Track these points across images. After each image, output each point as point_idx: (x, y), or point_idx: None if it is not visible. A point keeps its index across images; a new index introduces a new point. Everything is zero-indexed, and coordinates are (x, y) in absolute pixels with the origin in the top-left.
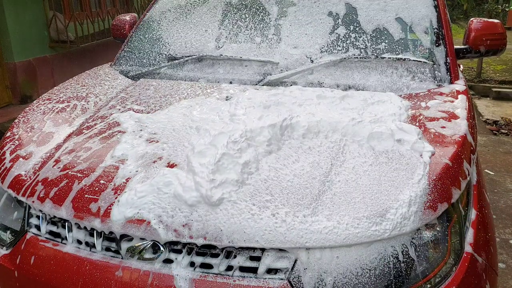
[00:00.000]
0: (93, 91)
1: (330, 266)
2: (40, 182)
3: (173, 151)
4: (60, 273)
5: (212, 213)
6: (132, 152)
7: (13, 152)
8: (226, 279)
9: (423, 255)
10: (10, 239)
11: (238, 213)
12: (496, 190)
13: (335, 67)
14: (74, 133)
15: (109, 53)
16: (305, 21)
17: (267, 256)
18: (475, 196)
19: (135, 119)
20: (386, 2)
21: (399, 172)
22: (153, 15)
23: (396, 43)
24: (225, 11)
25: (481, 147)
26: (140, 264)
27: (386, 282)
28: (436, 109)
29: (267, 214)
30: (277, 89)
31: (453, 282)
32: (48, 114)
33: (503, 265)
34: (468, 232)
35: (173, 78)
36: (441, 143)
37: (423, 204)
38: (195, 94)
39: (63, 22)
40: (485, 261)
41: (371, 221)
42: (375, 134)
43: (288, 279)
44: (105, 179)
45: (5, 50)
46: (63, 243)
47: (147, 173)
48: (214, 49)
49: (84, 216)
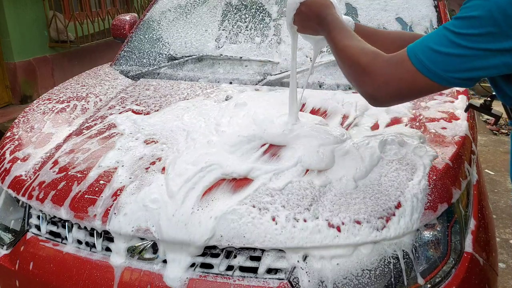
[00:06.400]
0: (93, 91)
1: (330, 267)
2: (40, 182)
3: (171, 153)
4: (60, 273)
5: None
6: (130, 152)
7: (13, 152)
8: (226, 279)
9: (423, 255)
10: (10, 239)
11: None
12: (496, 190)
13: (335, 67)
14: (74, 133)
15: (109, 53)
16: None
17: (267, 256)
18: (475, 196)
19: (133, 120)
20: (386, 2)
21: (399, 172)
22: (153, 15)
23: None
24: (225, 11)
25: (481, 147)
26: (140, 264)
27: (386, 282)
28: (436, 110)
29: (267, 218)
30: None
31: (453, 282)
32: (48, 114)
33: (503, 265)
34: (468, 232)
35: (173, 78)
36: (441, 144)
37: (423, 204)
38: (195, 94)
39: (63, 22)
40: (485, 261)
41: (372, 226)
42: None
43: (288, 279)
44: (105, 179)
45: (5, 50)
46: (63, 243)
47: (141, 179)
48: (214, 49)
49: (84, 217)
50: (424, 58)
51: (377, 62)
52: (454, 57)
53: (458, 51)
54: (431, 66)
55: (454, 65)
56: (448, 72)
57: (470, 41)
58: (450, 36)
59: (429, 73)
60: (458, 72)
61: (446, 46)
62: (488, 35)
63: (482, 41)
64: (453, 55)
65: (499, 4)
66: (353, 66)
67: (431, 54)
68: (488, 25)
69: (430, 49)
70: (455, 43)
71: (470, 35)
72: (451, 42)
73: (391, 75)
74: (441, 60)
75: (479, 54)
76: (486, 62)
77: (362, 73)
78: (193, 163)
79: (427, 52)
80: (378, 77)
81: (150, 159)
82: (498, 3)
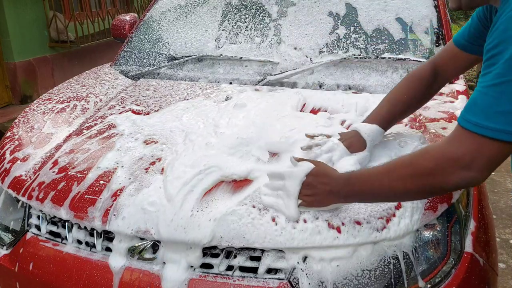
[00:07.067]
0: (93, 91)
1: (330, 270)
2: (40, 182)
3: (170, 153)
4: (60, 273)
5: None
6: (129, 153)
7: (13, 152)
8: (226, 279)
9: (423, 255)
10: (10, 239)
11: (238, 219)
12: (496, 190)
13: (335, 67)
14: (74, 133)
15: (109, 53)
16: (305, 21)
17: (267, 256)
18: (475, 196)
19: (133, 120)
20: (386, 2)
21: None
22: (153, 15)
23: (396, 43)
24: (225, 11)
25: None
26: (140, 264)
27: (386, 282)
28: (436, 110)
29: (266, 218)
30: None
31: (453, 282)
32: (48, 114)
33: (503, 265)
34: (468, 232)
35: (173, 78)
36: None
37: (423, 205)
38: (195, 95)
39: (63, 22)
40: (485, 261)
41: (372, 226)
42: None
43: (288, 279)
44: (105, 179)
45: (5, 50)
46: (63, 243)
47: (141, 180)
48: (214, 49)
49: (84, 217)
50: (497, 124)
51: (449, 152)
52: None
53: None
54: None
55: None
56: None
57: None
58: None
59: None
60: None
61: (505, 103)
62: None
63: None
64: None
65: None
66: (421, 181)
67: (503, 116)
68: None
69: (499, 112)
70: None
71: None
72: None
73: (475, 153)
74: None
75: None
76: None
77: (444, 170)
78: (192, 165)
79: (492, 116)
80: (465, 160)
81: (150, 159)
82: None
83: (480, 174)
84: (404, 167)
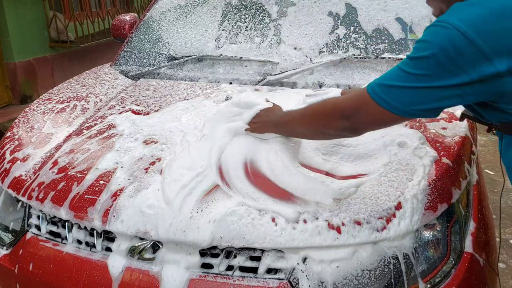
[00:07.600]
0: (93, 91)
1: (330, 271)
2: (40, 183)
3: (169, 154)
4: (60, 273)
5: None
6: (129, 153)
7: (13, 152)
8: (226, 279)
9: (423, 255)
10: (10, 239)
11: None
12: (496, 190)
13: (335, 67)
14: (74, 133)
15: (109, 53)
16: (305, 21)
17: (267, 256)
18: (475, 196)
19: (132, 120)
20: (386, 2)
21: (399, 172)
22: (153, 15)
23: (396, 43)
24: (225, 11)
25: (481, 147)
26: (140, 264)
27: (386, 282)
28: None
29: (266, 219)
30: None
31: (453, 282)
32: (48, 114)
33: (503, 265)
34: (468, 232)
35: (173, 78)
36: (441, 144)
37: (423, 205)
38: (194, 95)
39: (63, 22)
40: (485, 261)
41: (372, 226)
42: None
43: (288, 279)
44: (105, 179)
45: (5, 50)
46: (63, 243)
47: (140, 181)
48: (214, 49)
49: (84, 217)
50: (382, 93)
51: (340, 102)
52: (409, 92)
53: (412, 87)
54: (390, 101)
55: (411, 98)
56: (407, 105)
57: (421, 81)
58: (403, 75)
59: (390, 107)
60: (416, 104)
61: (403, 82)
62: (435, 75)
63: (430, 80)
64: (408, 90)
65: (442, 46)
66: (322, 116)
67: (389, 90)
68: (434, 65)
69: (388, 85)
70: (408, 81)
71: (419, 75)
72: (404, 80)
73: (359, 109)
74: (398, 95)
75: (431, 89)
76: (440, 94)
77: (332, 116)
78: (189, 168)
79: (385, 88)
80: (347, 111)
81: (150, 159)
82: (441, 45)
83: (355, 125)
84: (312, 109)
